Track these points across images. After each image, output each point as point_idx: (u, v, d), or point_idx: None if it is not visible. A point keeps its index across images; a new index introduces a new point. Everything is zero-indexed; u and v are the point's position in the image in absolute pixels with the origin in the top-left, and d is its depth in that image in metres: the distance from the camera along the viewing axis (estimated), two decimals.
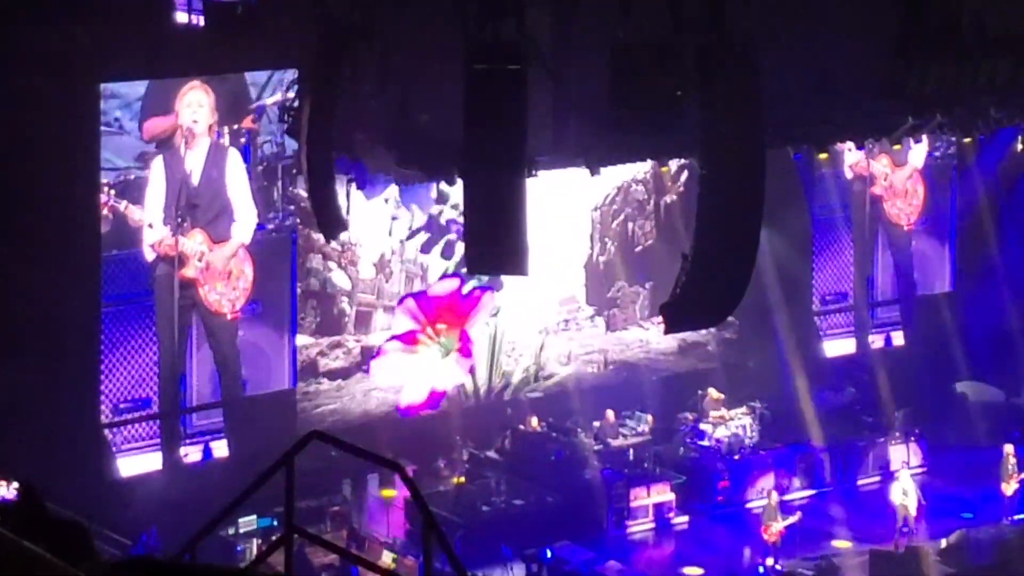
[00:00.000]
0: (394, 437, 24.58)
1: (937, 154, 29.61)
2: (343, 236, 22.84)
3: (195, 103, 23.00)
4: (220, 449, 23.76)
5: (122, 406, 23.13)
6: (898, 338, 29.79)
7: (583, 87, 18.73)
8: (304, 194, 22.15)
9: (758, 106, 17.41)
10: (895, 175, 29.43)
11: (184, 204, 22.99)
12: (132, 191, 22.72)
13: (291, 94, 22.57)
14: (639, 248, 28.13)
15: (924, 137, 25.09)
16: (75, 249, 21.99)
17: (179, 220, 22.99)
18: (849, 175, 29.20)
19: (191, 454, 23.59)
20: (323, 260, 25.07)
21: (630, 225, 28.06)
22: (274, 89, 23.53)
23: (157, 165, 22.90)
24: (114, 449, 23.04)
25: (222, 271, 23.66)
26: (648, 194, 28.10)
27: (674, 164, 26.35)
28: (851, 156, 28.86)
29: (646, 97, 17.95)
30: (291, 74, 22.93)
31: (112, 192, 22.46)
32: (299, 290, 24.70)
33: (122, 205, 22.53)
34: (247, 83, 23.55)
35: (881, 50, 20.22)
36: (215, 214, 23.56)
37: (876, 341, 29.64)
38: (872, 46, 20.16)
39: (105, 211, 22.39)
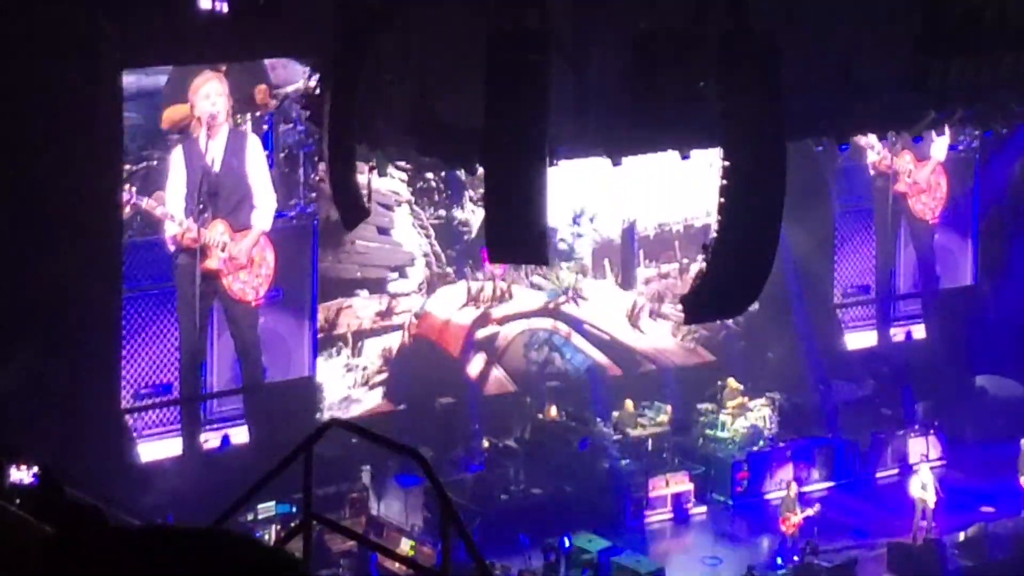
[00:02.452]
0: (413, 425, 24.62)
1: (960, 148, 29.52)
2: None
3: (212, 93, 23.00)
4: (240, 436, 23.80)
5: (143, 392, 23.19)
6: (919, 331, 29.73)
7: (604, 76, 18.72)
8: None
9: (780, 96, 17.40)
10: (919, 171, 29.33)
11: (205, 193, 23.02)
12: (153, 180, 22.74)
13: (313, 82, 22.59)
14: None
15: (946, 130, 25.04)
16: (97, 235, 22.03)
17: (200, 208, 23.02)
18: (871, 172, 29.15)
19: (211, 440, 23.65)
20: None
21: None
22: (296, 76, 23.54)
23: (177, 154, 22.93)
24: (134, 434, 23.11)
25: (245, 261, 23.70)
26: None
27: None
28: (873, 154, 28.80)
29: (668, 86, 17.94)
30: (313, 62, 22.94)
31: (134, 189, 22.48)
32: None
33: (144, 202, 22.56)
34: (267, 70, 23.56)
35: (904, 43, 20.19)
36: (236, 202, 23.60)
37: (897, 334, 29.60)
38: (895, 38, 20.13)
39: (128, 209, 22.43)
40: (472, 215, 26.12)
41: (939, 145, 28.93)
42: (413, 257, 25.94)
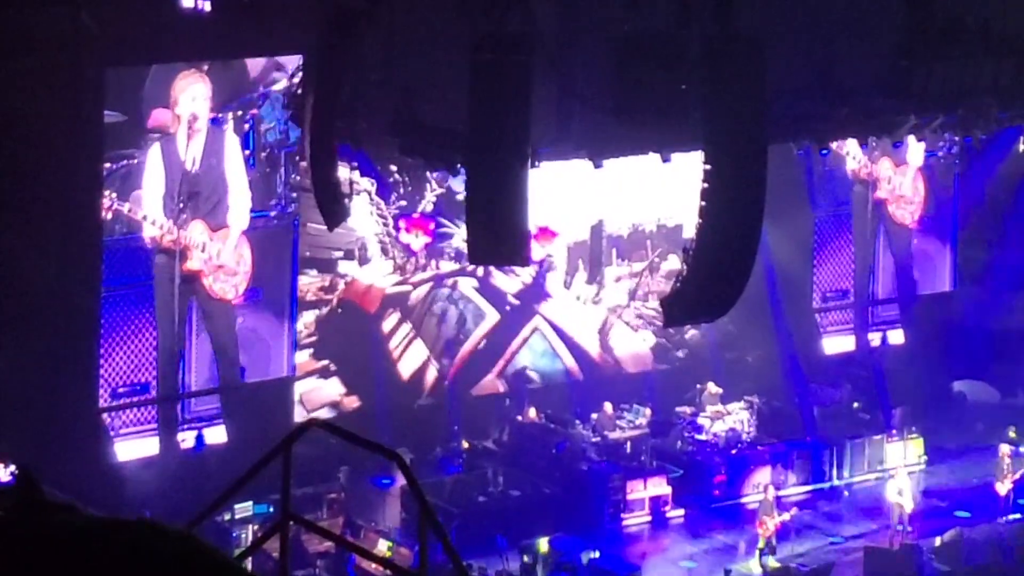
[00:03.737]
0: (393, 426, 24.61)
1: (940, 154, 29.54)
2: None
3: (196, 94, 22.90)
4: (216, 435, 23.73)
5: (120, 390, 23.10)
6: (896, 336, 29.75)
7: (588, 78, 18.74)
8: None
9: (762, 100, 17.43)
10: (897, 177, 29.29)
11: (185, 193, 22.91)
12: (132, 179, 22.63)
13: (296, 81, 22.54)
14: None
15: (925, 135, 25.09)
16: (76, 233, 21.95)
17: (180, 209, 22.90)
18: (851, 178, 29.15)
19: (188, 439, 23.58)
20: None
21: None
22: (278, 76, 23.48)
23: (154, 154, 22.78)
24: (111, 433, 23.02)
25: (225, 260, 23.62)
26: None
27: None
28: (852, 161, 28.75)
29: (651, 89, 17.96)
30: (296, 60, 22.88)
31: (114, 195, 22.37)
32: None
33: (125, 208, 22.42)
34: (249, 69, 23.48)
35: (886, 48, 20.25)
36: (215, 203, 23.50)
37: (875, 339, 29.63)
38: (877, 44, 20.19)
39: (109, 214, 22.33)
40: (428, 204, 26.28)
41: (917, 151, 28.94)
42: (365, 241, 25.98)
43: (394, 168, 25.15)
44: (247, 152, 23.68)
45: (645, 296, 28.18)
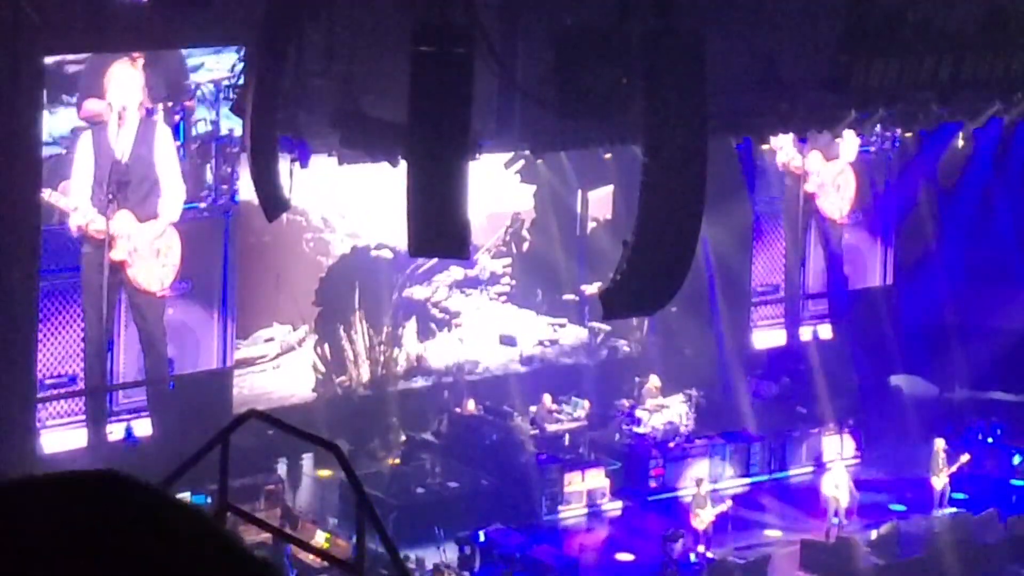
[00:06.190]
0: (331, 417, 24.52)
1: (872, 149, 29.47)
2: None
3: (125, 80, 22.62)
4: (144, 428, 23.44)
5: (48, 382, 22.77)
6: (825, 331, 29.61)
7: (529, 72, 18.73)
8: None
9: (702, 95, 17.46)
10: (826, 169, 29.17)
11: (114, 183, 22.62)
12: (62, 169, 22.34)
13: (236, 71, 22.35)
14: None
15: (873, 129, 25.18)
16: (14, 220, 21.68)
17: (109, 199, 22.61)
18: (782, 171, 29.08)
19: (117, 432, 23.28)
20: None
21: None
22: (212, 66, 23.25)
23: (84, 143, 22.49)
24: (38, 425, 22.69)
25: (150, 250, 23.32)
26: None
27: None
28: (783, 154, 28.56)
29: (591, 83, 17.97)
30: (234, 51, 22.70)
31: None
32: None
33: (46, 193, 22.06)
34: (184, 60, 23.23)
35: (826, 43, 20.34)
36: (144, 193, 23.19)
37: (806, 333, 29.63)
38: (818, 38, 20.28)
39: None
40: None
41: (849, 145, 28.68)
42: None
43: None
44: (178, 143, 23.42)
45: None
